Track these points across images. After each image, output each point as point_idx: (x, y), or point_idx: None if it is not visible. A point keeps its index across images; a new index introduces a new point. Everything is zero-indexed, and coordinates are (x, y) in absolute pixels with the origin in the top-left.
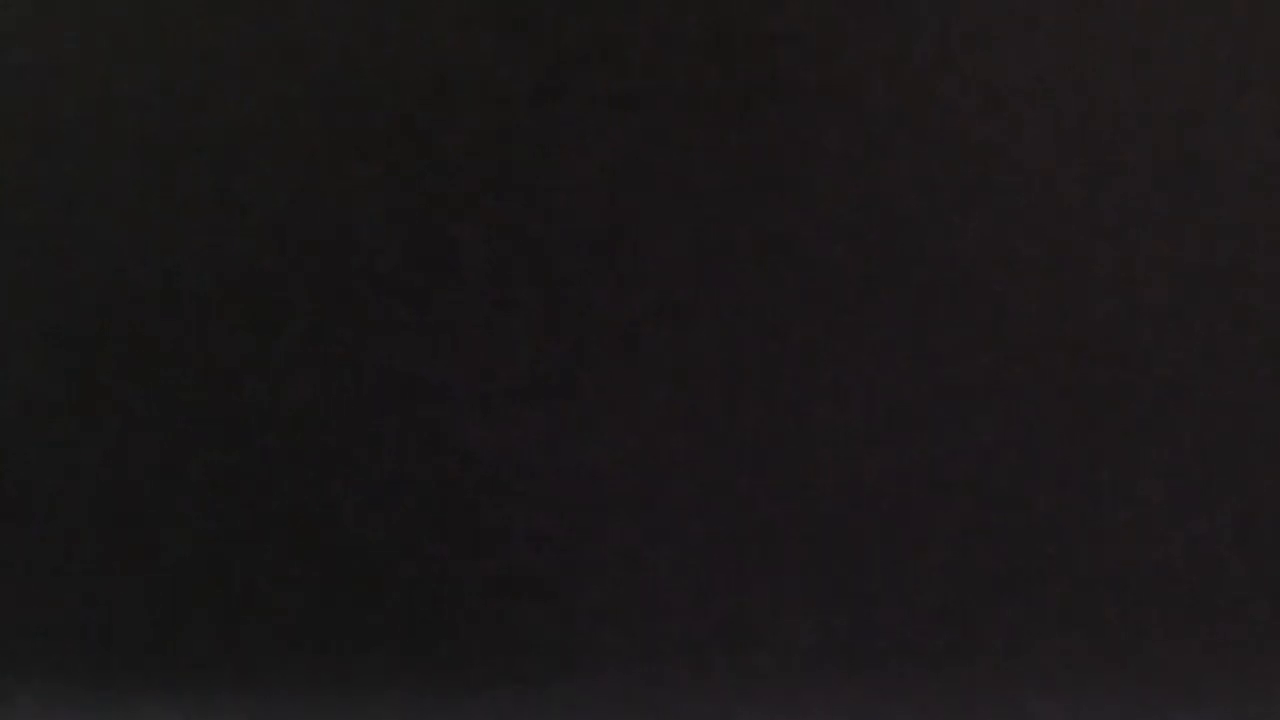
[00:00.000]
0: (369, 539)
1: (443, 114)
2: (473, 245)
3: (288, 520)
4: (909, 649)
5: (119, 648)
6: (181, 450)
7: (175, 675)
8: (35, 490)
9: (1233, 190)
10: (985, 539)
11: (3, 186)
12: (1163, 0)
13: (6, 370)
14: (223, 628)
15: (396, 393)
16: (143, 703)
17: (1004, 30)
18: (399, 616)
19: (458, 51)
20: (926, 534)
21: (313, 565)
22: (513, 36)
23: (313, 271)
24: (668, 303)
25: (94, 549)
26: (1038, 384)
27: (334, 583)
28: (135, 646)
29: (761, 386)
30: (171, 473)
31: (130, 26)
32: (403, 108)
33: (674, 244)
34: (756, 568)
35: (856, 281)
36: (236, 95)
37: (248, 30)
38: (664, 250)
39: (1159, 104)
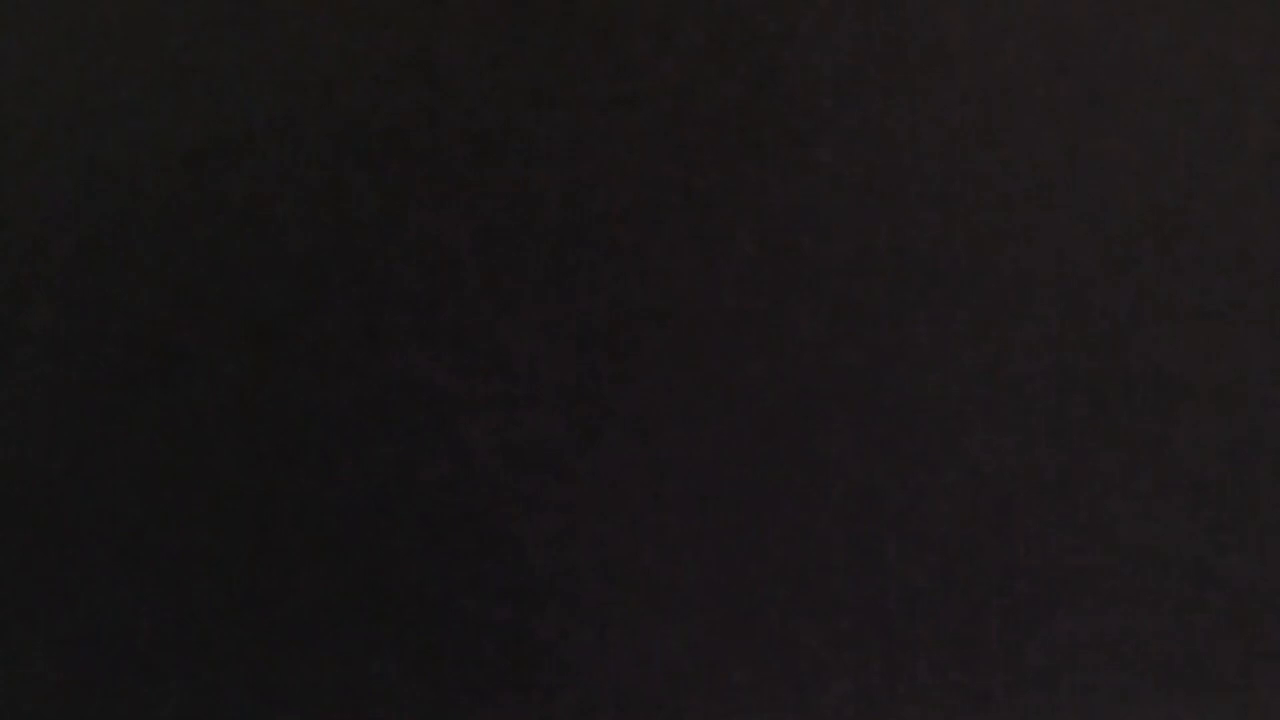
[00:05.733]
0: (373, 544)
1: (444, 116)
2: (476, 248)
3: (290, 525)
4: (913, 650)
5: (123, 652)
6: (187, 456)
7: (179, 678)
8: (37, 493)
9: (1234, 189)
10: (988, 539)
11: (4, 189)
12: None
13: (9, 374)
14: (228, 632)
15: (399, 397)
16: (146, 705)
17: (1004, 27)
18: (403, 621)
19: (459, 53)
20: (930, 535)
21: (315, 569)
22: (512, 38)
23: (315, 276)
24: (672, 305)
25: (99, 552)
26: (1040, 383)
27: (337, 587)
28: (138, 649)
29: (765, 388)
30: (177, 478)
31: (130, 29)
32: (403, 110)
33: (678, 246)
34: (760, 570)
35: (859, 283)
36: (237, 100)
37: (249, 35)
38: (668, 253)
39: (1160, 101)
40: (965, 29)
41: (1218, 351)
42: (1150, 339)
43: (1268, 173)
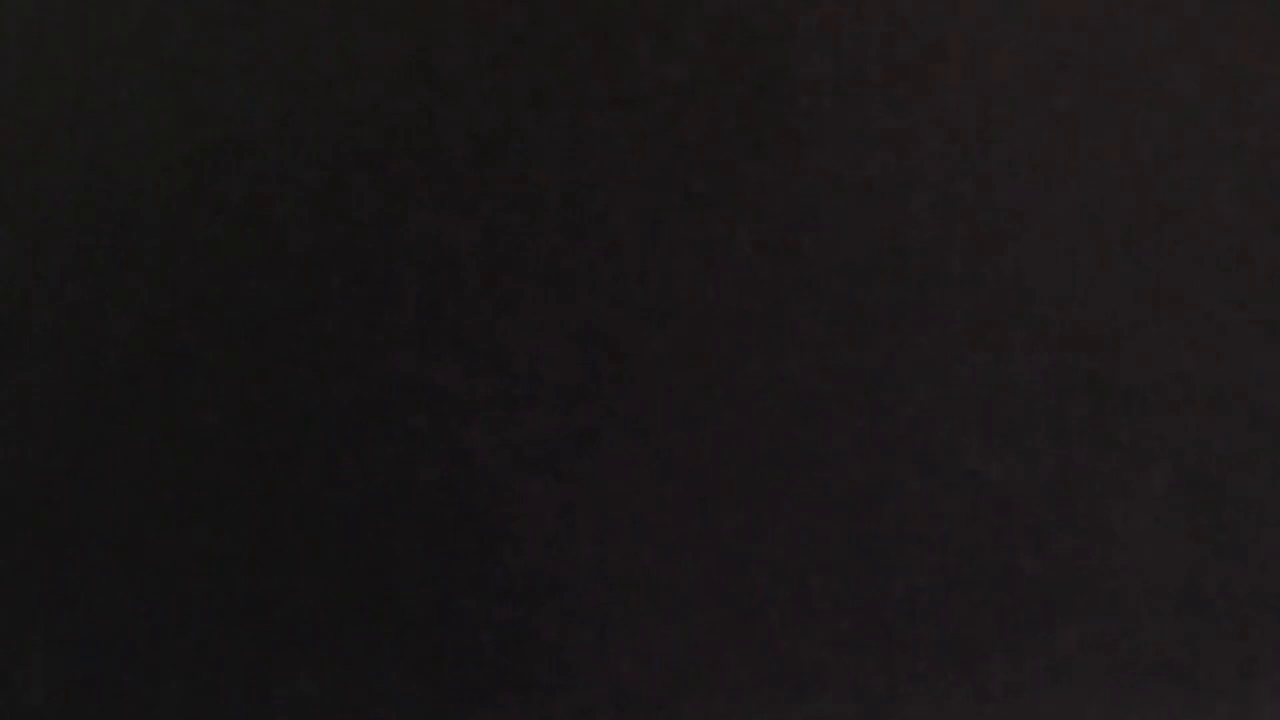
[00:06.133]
0: (373, 544)
1: (444, 116)
2: (476, 248)
3: (290, 525)
4: (913, 650)
5: (123, 652)
6: (187, 456)
7: (179, 678)
8: (37, 493)
9: (1233, 189)
10: (988, 540)
11: (4, 189)
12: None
13: (9, 374)
14: (228, 632)
15: (399, 397)
16: (147, 705)
17: (1004, 27)
18: (403, 621)
19: (459, 53)
20: (930, 536)
21: (315, 569)
22: (512, 38)
23: (315, 276)
24: (672, 305)
25: (99, 552)
26: (1039, 384)
27: (337, 587)
28: (138, 649)
29: (765, 388)
30: (177, 478)
31: (130, 29)
32: (403, 110)
33: (678, 246)
34: (760, 570)
35: (859, 283)
36: (237, 100)
37: (249, 35)
38: (668, 253)
39: (1160, 101)
40: (965, 29)
41: (1218, 352)
42: (1150, 340)
43: (1268, 173)
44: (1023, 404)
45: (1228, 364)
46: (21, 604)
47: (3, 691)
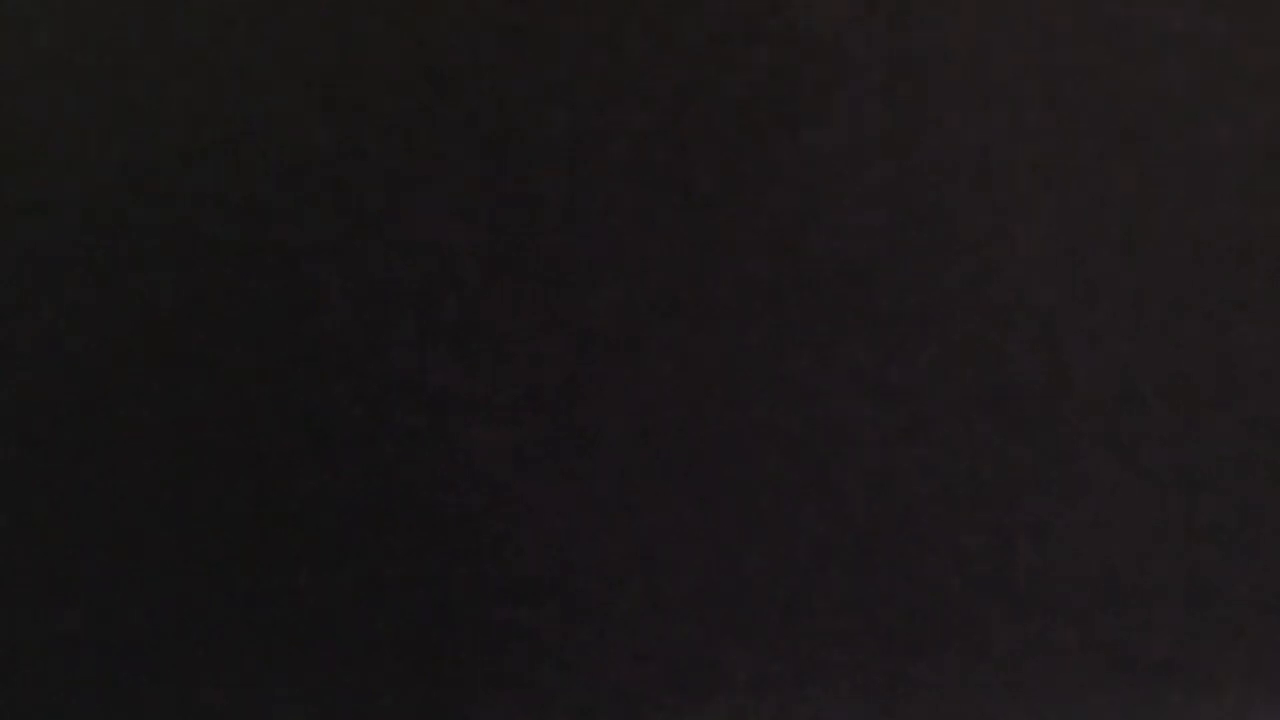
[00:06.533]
0: (374, 544)
1: (444, 116)
2: (476, 248)
3: (290, 525)
4: (913, 650)
5: (123, 652)
6: (187, 456)
7: (179, 678)
8: (37, 493)
9: (1233, 189)
10: (988, 539)
11: (4, 189)
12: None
13: (9, 374)
14: (228, 632)
15: (399, 397)
16: (147, 705)
17: (1007, 27)
18: (403, 621)
19: (459, 53)
20: (931, 535)
21: (315, 569)
22: (512, 38)
23: (315, 276)
24: (672, 305)
25: (99, 552)
26: (1038, 383)
27: (337, 587)
28: (138, 649)
29: (765, 388)
30: (177, 478)
31: (131, 29)
32: (403, 110)
33: (678, 246)
34: (760, 569)
35: (860, 283)
36: (237, 100)
37: (249, 35)
38: (668, 253)
39: (1159, 100)
40: (965, 29)
41: (1218, 352)
42: (1150, 340)
43: (1268, 173)
44: (1023, 403)
45: (1228, 364)
46: (21, 604)
47: (3, 691)
